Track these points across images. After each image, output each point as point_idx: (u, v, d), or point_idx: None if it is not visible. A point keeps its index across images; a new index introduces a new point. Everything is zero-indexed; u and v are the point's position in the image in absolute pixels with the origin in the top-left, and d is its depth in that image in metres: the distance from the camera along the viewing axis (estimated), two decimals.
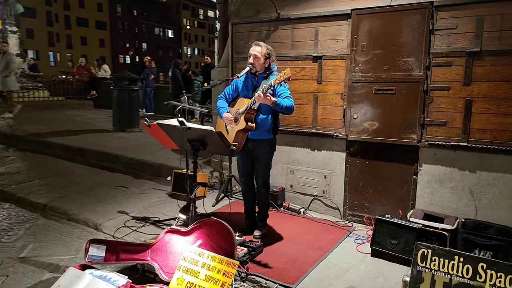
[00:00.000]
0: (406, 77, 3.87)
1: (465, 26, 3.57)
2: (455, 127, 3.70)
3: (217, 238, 2.98)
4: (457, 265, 2.30)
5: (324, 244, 3.81)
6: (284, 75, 3.26)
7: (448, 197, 3.85)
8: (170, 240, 3.08)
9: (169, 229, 3.10)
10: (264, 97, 3.34)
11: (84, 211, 4.51)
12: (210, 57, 11.25)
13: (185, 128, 2.97)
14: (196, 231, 3.05)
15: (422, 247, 2.40)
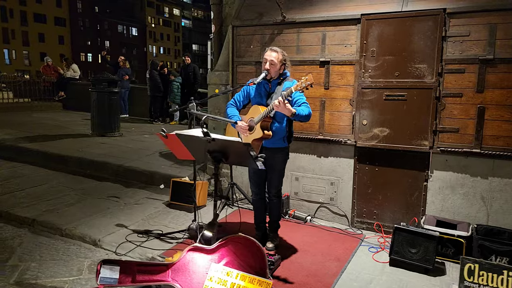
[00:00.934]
0: (418, 83, 3.86)
1: (478, 34, 3.60)
2: (467, 134, 3.73)
3: (245, 256, 2.81)
4: (506, 280, 2.27)
5: (340, 254, 3.73)
6: (306, 81, 3.13)
7: (459, 203, 3.88)
8: (192, 258, 2.88)
9: (191, 247, 2.90)
10: (283, 105, 3.20)
11: (79, 225, 4.19)
12: (190, 58, 10.93)
13: (209, 140, 2.78)
14: (222, 249, 2.87)
15: (469, 262, 2.36)
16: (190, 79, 10.62)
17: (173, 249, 3.72)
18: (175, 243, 3.87)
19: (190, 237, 3.98)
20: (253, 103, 3.68)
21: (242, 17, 4.77)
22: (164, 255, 3.59)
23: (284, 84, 3.56)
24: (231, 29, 4.79)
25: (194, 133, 3.00)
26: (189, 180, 4.84)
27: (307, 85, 3.13)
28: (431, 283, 3.27)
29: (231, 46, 4.81)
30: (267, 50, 3.56)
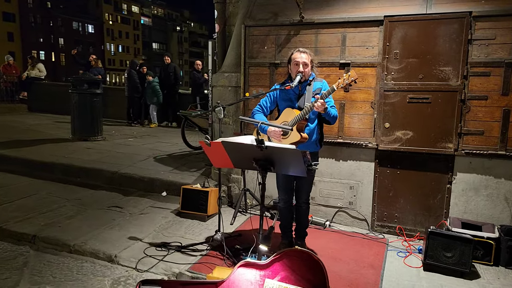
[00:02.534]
0: (443, 86, 3.86)
1: (503, 37, 3.65)
2: (492, 136, 3.77)
3: (302, 270, 2.64)
4: None
5: (372, 260, 3.66)
6: (349, 78, 3.02)
7: (483, 204, 3.92)
8: (243, 275, 2.67)
9: (243, 262, 2.69)
10: (322, 104, 3.09)
11: (88, 240, 3.85)
12: (169, 58, 10.53)
13: (263, 148, 2.59)
14: (276, 263, 2.68)
15: None
16: (170, 79, 10.26)
17: (200, 262, 3.48)
18: (199, 255, 3.63)
19: (213, 249, 3.75)
20: (282, 107, 3.52)
21: (255, 16, 4.59)
22: (193, 270, 3.35)
23: (314, 85, 3.44)
24: (243, 29, 4.59)
25: (239, 141, 2.80)
26: (200, 187, 4.58)
27: (351, 81, 3.03)
28: (470, 286, 3.27)
29: (243, 47, 4.61)
30: (295, 52, 3.42)
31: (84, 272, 3.41)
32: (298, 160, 2.65)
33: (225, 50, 5.29)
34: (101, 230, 4.11)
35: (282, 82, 3.57)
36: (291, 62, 3.44)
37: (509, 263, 3.60)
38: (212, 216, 4.57)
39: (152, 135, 8.82)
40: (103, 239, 3.90)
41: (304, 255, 2.66)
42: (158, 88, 9.90)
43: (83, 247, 3.74)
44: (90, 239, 3.88)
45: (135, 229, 4.17)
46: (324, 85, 3.45)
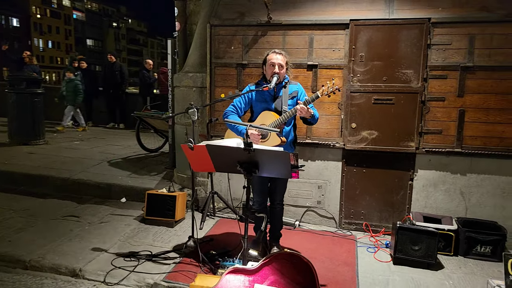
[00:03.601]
0: (405, 88, 4.06)
1: (459, 43, 3.92)
2: (449, 135, 4.04)
3: (292, 273, 2.62)
4: None
5: (345, 257, 3.75)
6: (333, 86, 3.07)
7: (441, 199, 4.19)
8: (232, 281, 2.59)
9: (231, 269, 2.60)
10: (306, 110, 3.11)
11: (46, 254, 3.53)
12: (114, 56, 9.99)
13: (250, 150, 2.53)
14: (265, 268, 2.64)
15: (510, 257, 2.54)
16: (116, 79, 9.75)
17: (175, 271, 3.34)
18: (173, 263, 3.48)
19: (186, 256, 3.61)
20: (257, 109, 3.48)
21: (221, 16, 4.49)
22: (170, 279, 3.20)
23: (289, 87, 3.44)
24: (209, 28, 4.47)
25: (224, 144, 2.71)
26: (166, 191, 4.40)
27: (335, 89, 3.07)
28: (437, 277, 3.47)
29: (209, 46, 4.50)
30: (270, 53, 3.41)
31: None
32: (285, 162, 2.63)
33: (186, 49, 5.14)
34: (59, 242, 3.79)
35: (256, 83, 3.53)
36: (266, 63, 3.40)
37: (467, 252, 3.87)
38: (179, 221, 4.41)
39: (99, 138, 8.33)
40: (63, 252, 3.59)
41: (294, 257, 2.65)
42: (80, 87, 9.04)
43: (41, 262, 3.42)
44: (48, 253, 3.56)
45: (98, 240, 3.90)
46: (300, 88, 3.47)
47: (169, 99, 5.50)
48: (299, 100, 3.40)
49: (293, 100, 3.41)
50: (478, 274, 3.53)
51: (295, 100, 3.41)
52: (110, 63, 9.85)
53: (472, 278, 3.45)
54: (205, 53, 4.62)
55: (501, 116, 3.92)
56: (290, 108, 3.33)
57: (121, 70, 9.80)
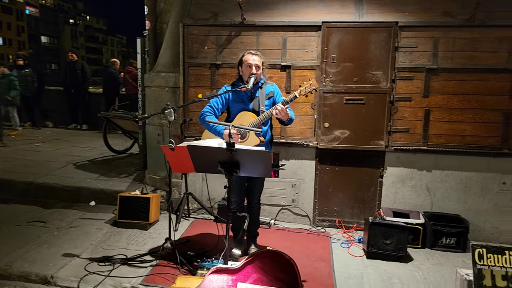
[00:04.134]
0: (375, 88, 4.22)
1: (424, 46, 4.12)
2: (416, 133, 4.23)
3: (274, 270, 2.66)
4: (509, 259, 2.68)
5: (321, 254, 3.84)
6: (310, 86, 3.15)
7: (409, 194, 4.38)
8: (215, 281, 2.59)
9: (214, 269, 2.60)
10: (286, 111, 3.16)
11: (13, 262, 3.37)
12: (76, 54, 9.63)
13: (233, 150, 2.55)
14: (248, 266, 2.66)
15: (477, 247, 2.70)
16: (78, 78, 9.41)
17: (153, 274, 3.29)
18: (150, 266, 3.42)
19: (163, 258, 3.56)
20: (234, 109, 3.49)
21: (194, 15, 4.46)
22: (148, 283, 3.15)
23: (266, 88, 3.49)
24: (181, 27, 4.43)
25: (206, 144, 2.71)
26: (139, 193, 4.31)
27: (312, 90, 3.14)
28: (408, 269, 3.64)
29: (182, 46, 4.45)
30: (246, 54, 3.43)
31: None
32: (266, 161, 2.67)
33: (157, 48, 5.07)
34: (27, 249, 3.63)
35: (232, 83, 3.54)
36: (242, 64, 3.42)
37: (433, 244, 4.08)
38: (153, 223, 4.34)
39: (62, 139, 8.02)
40: (31, 259, 3.45)
41: (276, 255, 2.70)
42: (16, 83, 8.53)
43: (9, 270, 3.27)
44: (16, 260, 3.41)
45: (69, 245, 3.77)
46: (276, 89, 3.52)
47: (139, 99, 5.39)
48: (275, 100, 3.46)
49: (270, 101, 3.46)
50: (445, 265, 3.73)
51: (271, 100, 3.46)
52: (72, 62, 9.50)
53: (440, 268, 3.65)
54: (178, 53, 4.57)
55: (463, 116, 4.16)
56: (267, 108, 3.37)
57: (83, 69, 9.47)
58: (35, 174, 5.24)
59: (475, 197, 4.30)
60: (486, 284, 2.68)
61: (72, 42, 68.60)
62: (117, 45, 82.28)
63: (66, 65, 9.88)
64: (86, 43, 72.86)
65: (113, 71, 9.51)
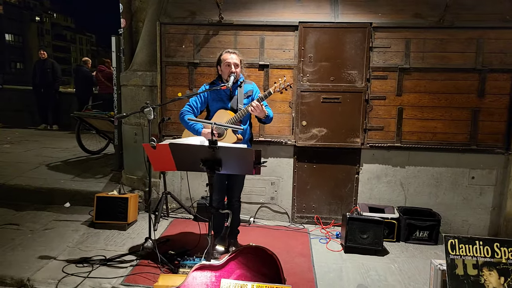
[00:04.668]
0: (350, 87, 4.33)
1: (397, 46, 4.26)
2: (390, 131, 4.38)
3: (257, 266, 2.70)
4: (479, 248, 2.82)
5: (300, 249, 3.91)
6: (285, 82, 3.21)
7: (384, 190, 4.52)
8: (199, 278, 2.60)
9: (197, 266, 2.61)
10: (261, 108, 3.21)
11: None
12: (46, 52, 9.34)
13: (215, 148, 2.56)
14: (231, 262, 2.68)
15: (450, 238, 2.83)
16: (48, 77, 9.15)
17: (134, 273, 3.26)
18: (130, 266, 3.40)
19: (143, 258, 3.54)
20: (213, 108, 3.51)
21: (171, 14, 4.44)
22: (129, 283, 3.13)
23: (244, 87, 3.52)
24: (158, 26, 4.39)
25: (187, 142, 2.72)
26: (117, 194, 4.26)
27: (286, 86, 3.21)
28: (384, 261, 3.76)
29: (159, 45, 4.42)
30: (224, 53, 3.46)
31: None
32: (248, 159, 2.70)
33: (132, 47, 5.01)
34: (0, 252, 3.52)
35: (211, 82, 3.56)
36: (221, 63, 3.44)
37: (407, 238, 4.23)
38: (132, 223, 4.29)
39: (32, 140, 7.77)
40: (6, 263, 3.36)
41: (258, 251, 2.74)
42: None
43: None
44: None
45: (44, 247, 3.68)
46: (255, 87, 3.56)
47: (114, 98, 5.30)
48: (254, 98, 3.50)
49: (248, 99, 3.50)
50: (418, 257, 3.88)
51: (250, 99, 3.50)
52: (41, 60, 9.22)
53: (414, 260, 3.79)
54: (155, 51, 4.54)
55: (433, 113, 4.33)
56: (245, 106, 3.41)
57: (53, 68, 9.21)
58: (5, 176, 5.07)
59: (446, 191, 4.48)
60: (459, 273, 2.81)
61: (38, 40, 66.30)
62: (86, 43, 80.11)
63: (35, 63, 9.58)
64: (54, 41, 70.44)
65: (87, 70, 9.29)
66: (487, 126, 4.33)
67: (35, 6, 70.25)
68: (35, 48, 62.78)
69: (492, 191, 4.46)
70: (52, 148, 7.00)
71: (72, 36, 75.38)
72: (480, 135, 4.35)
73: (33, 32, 66.33)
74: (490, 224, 4.49)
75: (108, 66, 8.77)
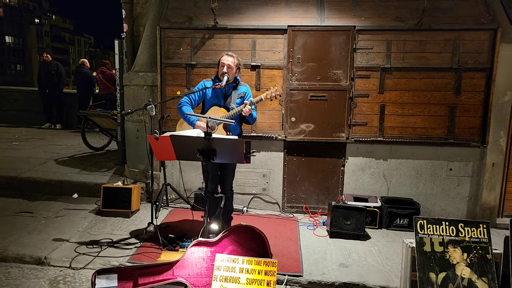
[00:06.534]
0: (336, 86, 4.69)
1: (379, 47, 4.63)
2: (373, 126, 4.74)
3: (247, 242, 3.06)
4: (445, 228, 3.18)
5: (289, 235, 4.27)
6: (276, 92, 3.59)
7: (368, 181, 4.89)
8: (196, 252, 2.97)
9: (195, 242, 2.98)
10: (249, 110, 3.59)
11: (8, 246, 3.64)
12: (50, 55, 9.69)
13: (210, 139, 2.93)
14: (224, 240, 3.05)
15: (419, 219, 3.19)
16: (52, 78, 9.50)
17: (138, 253, 3.63)
18: (134, 248, 3.76)
19: (146, 241, 3.90)
20: (208, 104, 3.88)
21: (170, 19, 4.81)
22: (134, 260, 3.49)
23: (239, 88, 3.87)
24: (158, 30, 4.77)
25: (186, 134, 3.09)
26: (122, 185, 4.62)
27: (276, 95, 3.60)
28: (365, 245, 4.12)
29: (159, 48, 4.79)
30: (223, 55, 3.82)
31: (14, 276, 3.27)
32: (239, 149, 3.07)
33: (134, 50, 5.37)
34: (18, 236, 3.89)
35: (211, 79, 3.90)
36: (219, 63, 3.81)
37: (389, 225, 4.59)
38: (135, 212, 4.66)
39: (38, 138, 8.13)
40: (24, 244, 3.72)
41: (248, 229, 3.10)
42: None
43: (4, 253, 3.55)
44: (10, 245, 3.67)
45: (57, 232, 4.05)
46: (248, 90, 3.91)
47: (117, 98, 5.67)
48: (246, 100, 3.85)
49: (241, 100, 3.85)
50: (398, 241, 4.23)
51: (242, 100, 3.85)
52: (46, 62, 9.57)
53: (393, 244, 4.15)
54: (155, 54, 4.90)
55: (413, 109, 4.69)
56: (237, 106, 3.77)
57: (57, 70, 9.56)
58: (17, 169, 5.43)
59: (425, 182, 4.84)
60: (426, 249, 3.17)
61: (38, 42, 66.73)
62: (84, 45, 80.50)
63: (40, 65, 9.93)
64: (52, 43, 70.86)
65: (87, 71, 9.64)
66: (464, 121, 4.69)
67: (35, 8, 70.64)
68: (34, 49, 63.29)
69: (469, 182, 4.82)
70: (58, 145, 7.36)
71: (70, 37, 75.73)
72: (457, 130, 4.71)
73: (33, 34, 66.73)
74: (467, 213, 4.85)
75: (109, 67, 9.13)
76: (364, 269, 3.56)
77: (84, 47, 79.88)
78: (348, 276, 3.41)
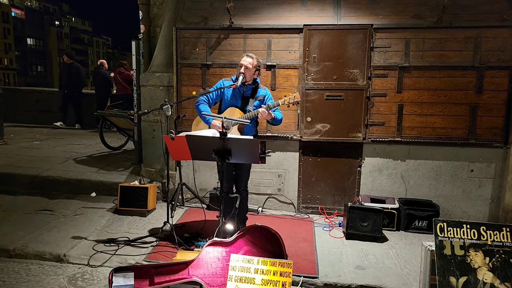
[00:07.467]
0: (352, 85, 4.63)
1: (397, 46, 4.55)
2: (391, 126, 4.66)
3: (263, 243, 3.05)
4: (466, 231, 3.10)
5: (304, 236, 4.24)
6: (294, 98, 3.56)
7: (385, 182, 4.81)
8: (211, 252, 2.97)
9: (210, 242, 2.98)
10: (267, 114, 3.56)
11: (28, 243, 3.73)
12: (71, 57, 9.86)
13: (225, 139, 2.93)
14: (240, 240, 3.04)
15: (439, 222, 3.11)
16: (72, 79, 9.67)
17: (154, 252, 3.66)
18: (151, 247, 3.79)
19: (162, 240, 3.93)
20: (226, 103, 3.87)
21: (186, 20, 4.83)
22: (150, 259, 3.52)
23: (258, 91, 3.85)
24: (174, 31, 4.80)
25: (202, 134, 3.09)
26: (138, 184, 4.67)
27: (294, 101, 3.56)
28: (382, 247, 4.05)
29: (175, 48, 4.82)
30: (244, 55, 3.81)
31: (34, 273, 3.34)
32: (254, 149, 3.05)
33: (151, 50, 5.42)
34: (39, 233, 3.97)
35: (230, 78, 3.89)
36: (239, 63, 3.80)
37: (407, 227, 4.50)
38: (151, 211, 4.70)
39: (58, 138, 8.28)
40: (44, 241, 3.79)
41: (263, 230, 3.09)
42: None
43: (25, 250, 3.63)
44: (30, 242, 3.75)
45: (76, 229, 4.11)
46: (267, 93, 3.89)
47: (134, 98, 5.72)
48: (264, 104, 3.83)
49: (259, 102, 3.83)
50: (416, 244, 4.14)
51: (260, 103, 3.83)
52: (67, 64, 9.74)
53: (411, 247, 4.07)
54: (171, 54, 4.93)
55: (432, 109, 4.59)
56: (254, 108, 3.75)
57: (78, 71, 9.72)
58: (38, 168, 5.55)
59: (445, 183, 4.73)
60: (446, 253, 3.09)
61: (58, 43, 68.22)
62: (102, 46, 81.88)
63: (62, 67, 10.11)
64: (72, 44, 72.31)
65: (105, 72, 9.78)
66: (486, 121, 4.57)
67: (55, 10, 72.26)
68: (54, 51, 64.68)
69: (491, 184, 4.69)
70: (77, 144, 7.49)
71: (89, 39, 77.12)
72: (479, 130, 4.59)
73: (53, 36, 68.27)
74: (489, 215, 4.72)
75: (127, 68, 9.24)
76: (381, 271, 3.50)
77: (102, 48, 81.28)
78: (364, 279, 3.35)
